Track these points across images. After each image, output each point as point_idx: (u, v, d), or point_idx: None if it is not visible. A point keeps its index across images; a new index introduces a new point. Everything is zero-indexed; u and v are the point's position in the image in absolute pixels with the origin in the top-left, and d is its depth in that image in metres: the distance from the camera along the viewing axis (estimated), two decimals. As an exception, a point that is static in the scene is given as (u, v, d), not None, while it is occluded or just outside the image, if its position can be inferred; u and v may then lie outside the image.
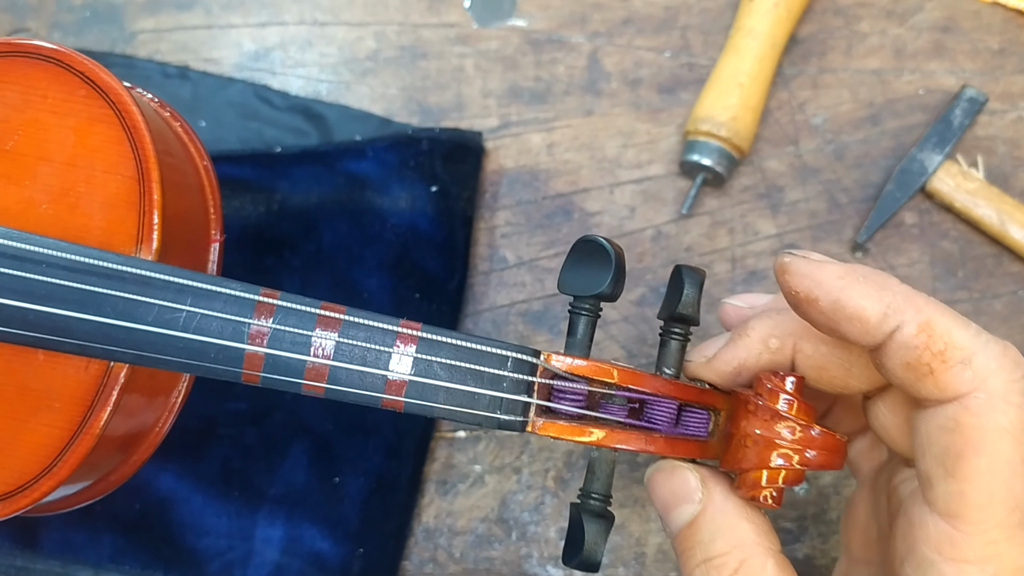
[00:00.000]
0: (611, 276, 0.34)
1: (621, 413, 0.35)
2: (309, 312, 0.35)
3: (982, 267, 0.55)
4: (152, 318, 0.35)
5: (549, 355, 0.35)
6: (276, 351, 0.34)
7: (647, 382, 0.35)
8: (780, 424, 0.33)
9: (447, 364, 0.35)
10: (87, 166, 0.37)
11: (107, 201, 0.37)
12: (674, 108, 0.58)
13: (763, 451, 0.33)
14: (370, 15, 0.60)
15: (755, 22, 0.55)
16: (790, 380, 0.34)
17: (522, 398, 0.35)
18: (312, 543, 0.51)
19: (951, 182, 0.55)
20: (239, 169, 0.55)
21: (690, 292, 0.35)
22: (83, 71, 0.38)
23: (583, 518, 0.35)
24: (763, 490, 0.33)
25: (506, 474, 0.53)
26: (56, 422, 0.36)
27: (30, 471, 0.36)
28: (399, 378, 0.35)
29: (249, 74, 0.59)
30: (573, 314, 0.36)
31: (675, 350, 0.36)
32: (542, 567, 0.52)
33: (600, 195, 0.57)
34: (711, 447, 0.36)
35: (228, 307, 0.35)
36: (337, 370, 0.35)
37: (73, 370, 0.36)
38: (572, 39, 0.59)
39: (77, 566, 0.51)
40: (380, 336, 0.35)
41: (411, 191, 0.55)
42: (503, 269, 0.56)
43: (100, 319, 0.35)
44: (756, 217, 0.56)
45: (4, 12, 0.60)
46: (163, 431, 0.41)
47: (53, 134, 0.38)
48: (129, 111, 0.37)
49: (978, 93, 0.56)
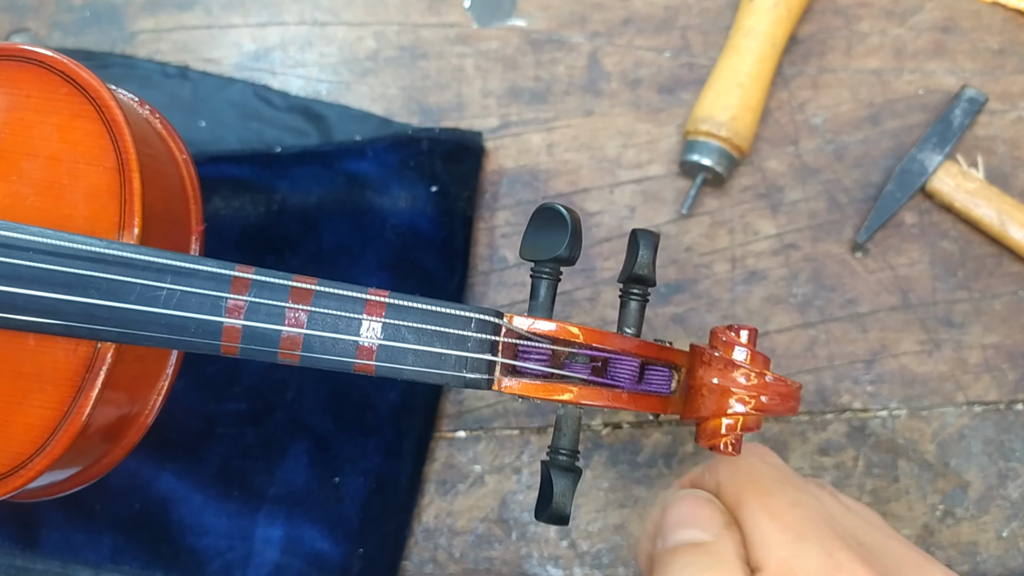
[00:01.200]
0: (568, 240, 0.36)
1: (585, 371, 0.36)
2: (282, 284, 0.37)
3: (982, 267, 0.55)
4: (135, 297, 0.37)
5: (511, 316, 0.37)
6: (252, 323, 0.36)
7: (609, 340, 0.36)
8: (735, 371, 0.35)
9: (414, 327, 0.36)
10: (70, 159, 0.39)
11: (90, 191, 0.39)
12: (674, 108, 0.58)
13: (720, 399, 0.35)
14: (370, 15, 0.60)
15: (755, 22, 0.55)
16: (744, 332, 0.36)
17: (487, 357, 0.36)
18: (312, 543, 0.51)
19: (951, 182, 0.55)
20: (239, 169, 0.55)
21: (645, 254, 0.37)
22: (64, 71, 0.40)
23: (551, 473, 0.36)
24: (722, 438, 0.35)
25: (506, 474, 0.53)
26: (47, 403, 0.38)
27: (24, 452, 0.37)
28: (369, 343, 0.36)
29: (249, 74, 0.59)
30: (535, 278, 0.37)
31: (635, 310, 0.38)
32: (542, 567, 0.52)
33: (600, 195, 0.57)
34: (673, 402, 0.38)
35: (206, 283, 0.37)
36: (311, 338, 0.36)
37: (62, 352, 0.38)
38: (572, 39, 0.59)
39: (77, 566, 0.51)
40: (350, 304, 0.37)
41: (411, 191, 0.55)
42: (503, 269, 0.56)
43: (86, 300, 0.37)
44: (756, 217, 0.56)
45: (4, 12, 0.60)
46: (152, 414, 0.42)
47: (37, 131, 0.40)
48: (108, 106, 0.39)
49: (978, 93, 0.56)
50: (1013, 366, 0.54)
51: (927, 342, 0.54)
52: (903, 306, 0.55)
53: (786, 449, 0.53)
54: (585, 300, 0.55)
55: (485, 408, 0.54)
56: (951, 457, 0.53)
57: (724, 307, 0.55)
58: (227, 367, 0.53)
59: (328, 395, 0.53)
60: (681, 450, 0.53)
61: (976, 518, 0.52)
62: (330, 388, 0.53)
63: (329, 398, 0.53)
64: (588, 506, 0.53)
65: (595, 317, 0.55)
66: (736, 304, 0.55)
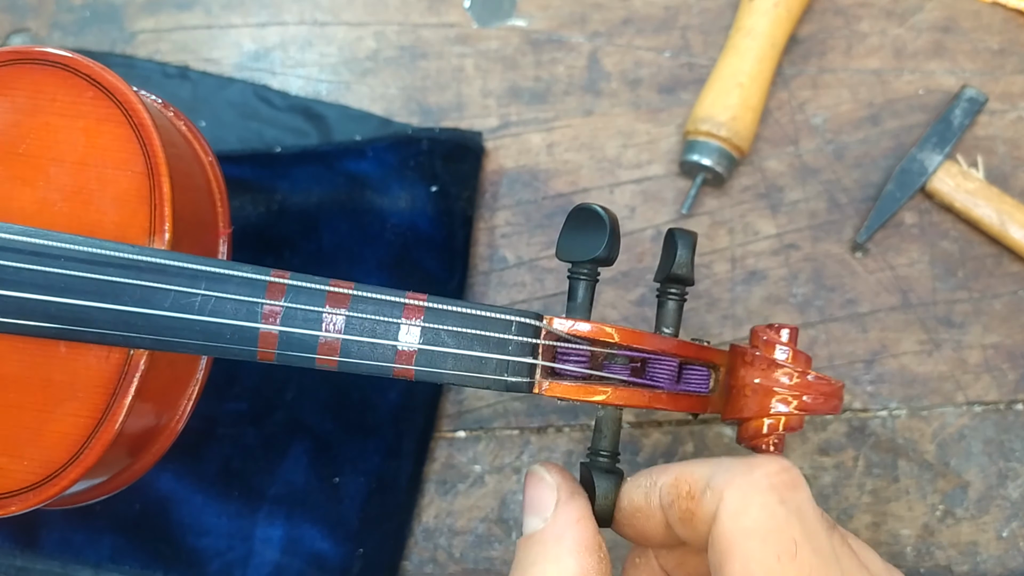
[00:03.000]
0: (607, 240, 0.35)
1: (624, 372, 0.36)
2: (319, 289, 0.36)
3: (982, 267, 0.55)
4: (169, 303, 0.36)
5: (551, 318, 0.36)
6: (289, 328, 0.36)
7: (647, 341, 0.36)
8: (778, 372, 0.35)
9: (454, 331, 0.36)
10: (98, 164, 0.38)
11: (119, 197, 0.38)
12: (674, 108, 0.58)
13: (763, 399, 0.35)
14: (370, 15, 0.60)
15: (755, 22, 0.55)
16: (785, 331, 0.35)
17: (527, 360, 0.36)
18: (312, 543, 0.51)
19: (951, 182, 0.55)
20: (239, 169, 0.55)
21: (683, 253, 0.37)
22: (89, 74, 0.39)
23: (593, 475, 0.36)
24: (764, 439, 0.35)
25: (506, 474, 0.53)
26: (80, 411, 0.37)
27: (57, 460, 0.37)
28: (408, 348, 0.36)
29: (249, 74, 0.59)
30: (572, 279, 0.37)
31: (672, 310, 0.38)
32: (542, 567, 0.52)
33: (600, 195, 0.57)
34: (713, 402, 0.37)
35: (241, 289, 0.36)
36: (349, 343, 0.36)
37: (95, 360, 0.37)
38: (572, 39, 0.59)
39: (77, 566, 0.51)
40: (388, 308, 0.36)
41: (411, 191, 0.55)
42: (503, 269, 0.56)
43: (119, 307, 0.36)
44: (756, 217, 0.56)
45: (4, 12, 0.60)
46: (182, 420, 0.42)
47: (63, 136, 0.39)
48: (136, 110, 0.39)
49: (978, 93, 0.56)
50: (1013, 366, 0.54)
51: (927, 342, 0.54)
52: (903, 306, 0.55)
53: (786, 449, 0.53)
54: (585, 300, 0.55)
55: (485, 408, 0.54)
56: (951, 457, 0.53)
57: (724, 307, 0.55)
58: (227, 367, 0.53)
59: (328, 395, 0.53)
60: (681, 450, 0.53)
61: (976, 518, 0.52)
62: (330, 388, 0.53)
63: (329, 398, 0.53)
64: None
65: (595, 316, 0.55)
66: (736, 304, 0.55)
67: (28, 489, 0.37)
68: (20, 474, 0.37)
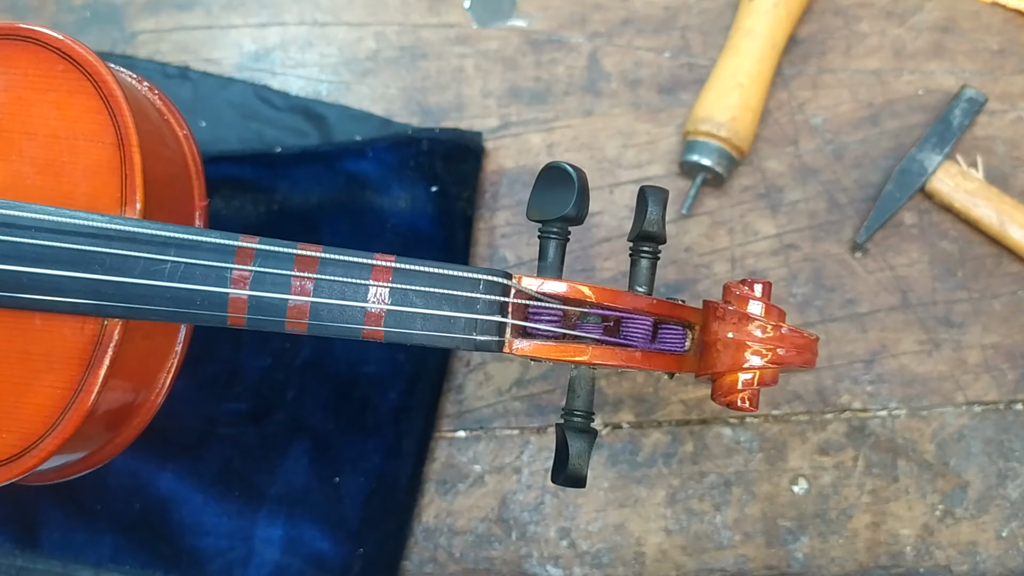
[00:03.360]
0: (575, 198, 0.35)
1: (597, 331, 0.36)
2: (287, 253, 0.36)
3: (982, 267, 0.55)
4: (139, 271, 0.36)
5: (520, 277, 0.36)
6: (258, 293, 0.36)
7: (622, 299, 0.36)
8: (750, 325, 0.35)
9: (422, 291, 0.36)
10: (69, 136, 0.39)
11: (90, 168, 0.39)
12: (674, 108, 0.58)
13: (736, 353, 0.34)
14: (370, 15, 0.60)
15: (755, 22, 0.55)
16: (758, 285, 0.35)
17: (496, 318, 0.36)
18: (312, 543, 0.51)
19: (951, 182, 0.55)
20: (239, 169, 0.55)
21: (654, 210, 0.37)
22: (59, 47, 0.40)
23: (567, 435, 0.35)
24: (739, 393, 0.34)
25: (506, 474, 0.53)
26: (57, 383, 0.38)
27: (35, 431, 0.37)
28: (377, 309, 0.36)
29: (249, 74, 0.59)
30: (543, 238, 0.37)
31: (646, 268, 0.37)
32: (542, 567, 0.52)
33: (600, 195, 0.57)
34: (687, 360, 0.37)
35: (210, 255, 0.37)
36: (318, 306, 0.36)
37: (70, 332, 0.38)
38: (572, 39, 0.59)
39: (77, 566, 0.51)
40: (357, 270, 0.36)
41: (411, 191, 0.55)
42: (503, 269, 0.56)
43: (89, 275, 0.36)
44: (756, 217, 0.56)
45: (4, 12, 0.60)
46: (162, 394, 0.42)
47: (35, 109, 0.39)
48: (105, 81, 0.39)
49: (977, 93, 0.56)
50: (1013, 366, 0.54)
51: (927, 342, 0.54)
52: (903, 306, 0.55)
53: (786, 449, 0.53)
54: (585, 300, 0.55)
55: (485, 408, 0.54)
56: (951, 457, 0.53)
57: (724, 307, 0.55)
58: (227, 367, 0.53)
59: (328, 395, 0.53)
60: (681, 450, 0.53)
61: (976, 518, 0.52)
62: (330, 388, 0.53)
63: (329, 398, 0.53)
64: (588, 506, 0.53)
65: (595, 317, 0.55)
66: (736, 304, 0.55)
67: (7, 461, 0.37)
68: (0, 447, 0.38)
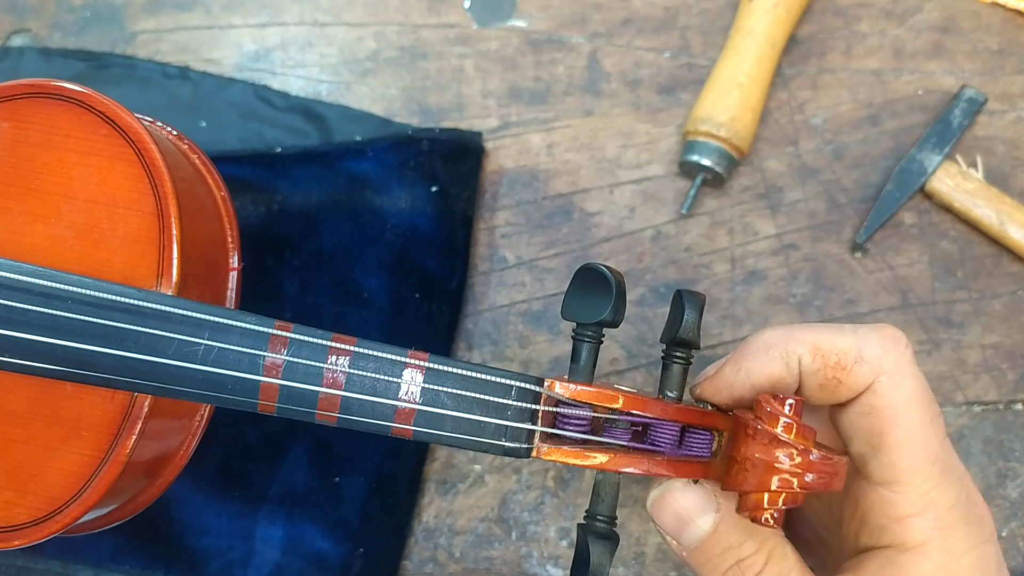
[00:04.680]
0: (612, 304, 0.35)
1: (625, 437, 0.35)
2: (321, 344, 0.36)
3: (981, 267, 0.55)
4: (172, 351, 0.36)
5: (553, 382, 0.35)
6: (290, 382, 0.36)
7: (650, 406, 0.35)
8: (779, 449, 0.34)
9: (454, 393, 0.36)
10: (109, 203, 0.38)
11: (128, 237, 0.38)
12: (674, 108, 0.58)
13: (763, 475, 0.34)
14: (370, 15, 0.60)
15: (754, 23, 0.55)
16: (788, 403, 0.34)
17: (526, 426, 0.35)
18: (312, 543, 0.51)
19: (950, 182, 0.55)
20: (239, 169, 0.55)
21: (690, 316, 0.36)
22: (104, 111, 0.39)
23: (588, 540, 0.35)
24: (764, 511, 0.34)
25: (506, 474, 0.53)
26: (84, 450, 0.37)
27: (61, 497, 0.37)
28: (408, 407, 0.36)
29: (249, 74, 0.59)
30: (576, 340, 0.36)
31: (677, 373, 0.37)
32: (542, 567, 0.52)
33: (600, 195, 0.57)
34: (714, 467, 0.36)
35: (244, 340, 0.36)
36: (349, 400, 0.36)
37: (100, 400, 0.37)
38: (572, 39, 0.59)
39: (77, 566, 0.51)
40: (389, 366, 0.36)
41: (411, 191, 0.55)
42: (503, 269, 0.56)
43: (123, 353, 0.36)
44: (756, 217, 0.56)
45: (4, 12, 0.60)
46: (187, 454, 0.42)
47: (76, 172, 0.39)
48: (148, 149, 0.39)
49: (977, 93, 0.56)
50: (1012, 366, 0.54)
51: (926, 342, 0.54)
52: (902, 306, 0.55)
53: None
54: (585, 300, 0.55)
55: (485, 408, 0.54)
56: (950, 457, 0.53)
57: (724, 307, 0.55)
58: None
59: (328, 395, 0.53)
60: (681, 450, 0.53)
61: (975, 518, 0.52)
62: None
63: (329, 398, 0.53)
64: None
65: (595, 317, 0.55)
66: (736, 304, 0.55)
67: (31, 524, 0.37)
68: (24, 509, 0.37)
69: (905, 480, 0.34)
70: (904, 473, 0.34)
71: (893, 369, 0.35)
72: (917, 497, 0.34)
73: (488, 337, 0.55)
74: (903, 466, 0.34)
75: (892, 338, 0.35)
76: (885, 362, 0.35)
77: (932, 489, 0.34)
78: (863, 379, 0.35)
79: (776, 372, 0.36)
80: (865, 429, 0.35)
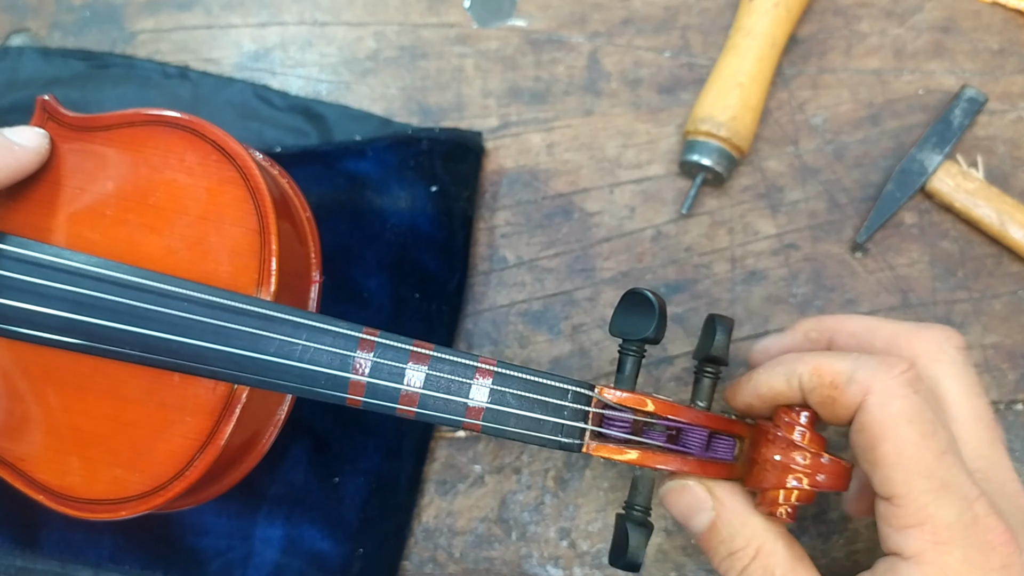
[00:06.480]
0: (655, 323, 0.40)
1: (661, 438, 0.41)
2: (403, 348, 0.41)
3: (982, 267, 0.55)
4: (274, 349, 0.41)
5: (602, 389, 0.41)
6: (375, 380, 0.40)
7: (683, 413, 0.41)
8: (795, 452, 0.39)
9: (518, 394, 0.41)
10: (217, 220, 0.43)
11: (234, 249, 0.43)
12: (674, 108, 0.58)
13: (780, 474, 0.40)
14: (370, 15, 0.60)
15: (755, 22, 0.55)
16: (804, 415, 0.40)
17: (580, 424, 0.40)
18: (312, 543, 0.51)
19: (951, 182, 0.55)
20: (239, 169, 0.55)
21: (721, 337, 0.42)
22: (215, 139, 0.44)
23: (627, 526, 0.40)
24: (780, 507, 0.39)
25: (506, 474, 0.53)
26: (188, 433, 0.42)
27: (165, 474, 0.42)
28: (478, 405, 0.41)
29: (249, 74, 0.59)
30: (623, 354, 0.42)
31: (707, 386, 0.42)
32: (542, 567, 0.52)
33: (600, 195, 0.57)
34: (736, 469, 0.42)
35: (336, 341, 0.41)
36: (426, 397, 0.40)
37: (203, 390, 0.42)
38: (572, 39, 0.59)
39: (77, 566, 0.51)
40: (462, 369, 0.41)
41: (411, 191, 0.55)
42: (503, 269, 0.56)
43: (231, 349, 0.41)
44: (756, 217, 0.56)
45: (4, 12, 0.60)
46: (268, 443, 0.46)
47: (189, 192, 0.44)
48: (253, 175, 0.44)
49: (978, 93, 0.56)
50: (1013, 366, 0.54)
51: (927, 342, 0.54)
52: (903, 306, 0.55)
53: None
54: (585, 300, 0.55)
55: (485, 408, 0.54)
56: (951, 457, 0.53)
57: (724, 307, 0.55)
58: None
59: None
60: (681, 450, 0.53)
61: (976, 518, 0.52)
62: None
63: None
64: (588, 506, 0.53)
65: (595, 317, 0.55)
66: (736, 304, 0.55)
67: (138, 498, 0.42)
68: (133, 484, 0.42)
69: (900, 493, 0.36)
70: (899, 487, 0.36)
71: (881, 389, 0.37)
72: (914, 510, 0.36)
73: (488, 337, 0.55)
74: (897, 480, 0.36)
75: (887, 363, 0.38)
76: (874, 383, 0.37)
77: (929, 504, 0.36)
78: (854, 398, 0.38)
79: (778, 386, 0.41)
80: (860, 445, 0.38)
